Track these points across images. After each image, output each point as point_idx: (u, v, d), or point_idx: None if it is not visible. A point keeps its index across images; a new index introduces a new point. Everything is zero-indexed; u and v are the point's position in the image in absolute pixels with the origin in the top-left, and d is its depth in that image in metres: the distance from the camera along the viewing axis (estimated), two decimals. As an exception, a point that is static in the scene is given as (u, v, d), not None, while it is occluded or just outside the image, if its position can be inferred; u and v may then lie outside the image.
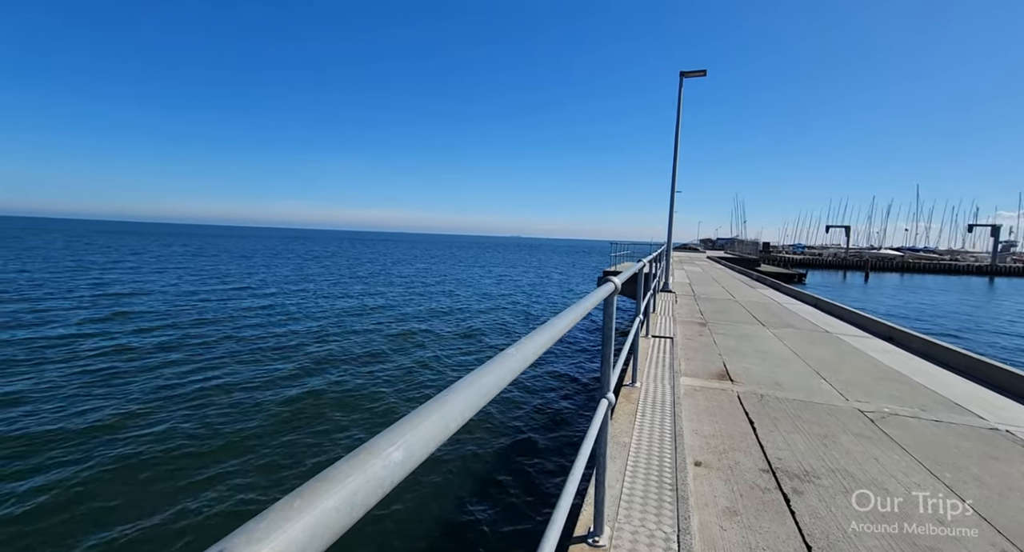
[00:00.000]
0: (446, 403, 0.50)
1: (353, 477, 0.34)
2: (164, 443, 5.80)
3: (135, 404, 6.89)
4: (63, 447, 5.60)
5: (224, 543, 0.25)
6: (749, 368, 4.48)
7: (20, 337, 10.16)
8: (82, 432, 5.95)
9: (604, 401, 1.61)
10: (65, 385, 7.49)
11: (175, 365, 8.79)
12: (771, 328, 6.54)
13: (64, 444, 5.66)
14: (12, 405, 6.65)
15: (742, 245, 49.72)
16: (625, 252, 16.60)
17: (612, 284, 1.61)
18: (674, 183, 11.34)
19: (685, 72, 11.08)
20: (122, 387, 7.55)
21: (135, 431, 6.06)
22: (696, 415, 3.22)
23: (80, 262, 27.84)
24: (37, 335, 10.43)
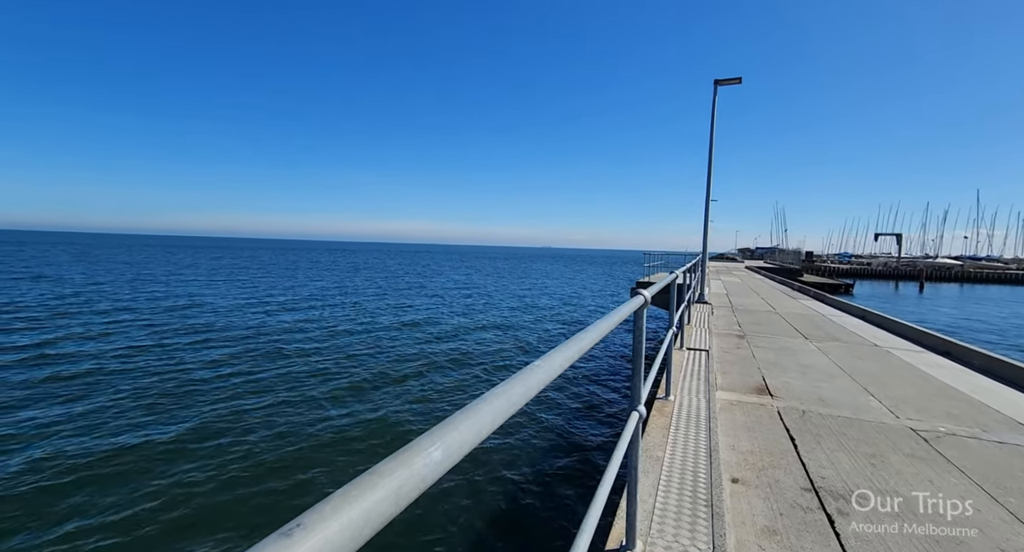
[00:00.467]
0: (478, 411, 0.55)
1: (399, 472, 0.39)
2: (245, 446, 6.24)
3: (218, 410, 7.37)
4: (152, 454, 6.00)
5: (300, 519, 0.30)
6: (790, 383, 4.32)
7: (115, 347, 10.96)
8: (172, 440, 6.38)
9: (635, 414, 1.61)
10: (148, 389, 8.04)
11: (245, 375, 9.31)
12: (814, 341, 6.28)
13: (152, 450, 6.08)
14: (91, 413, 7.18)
15: (783, 254, 47.82)
16: (658, 262, 16.32)
17: (642, 297, 1.62)
18: (709, 192, 11.11)
19: (720, 80, 10.91)
20: (204, 392, 8.11)
21: (222, 437, 6.48)
22: (733, 430, 3.13)
23: (140, 274, 29.83)
24: (117, 345, 11.25)
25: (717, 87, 10.88)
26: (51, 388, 8.03)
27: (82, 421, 6.70)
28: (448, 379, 9.61)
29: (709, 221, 11.47)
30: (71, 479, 5.26)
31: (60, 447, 5.95)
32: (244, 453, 6.04)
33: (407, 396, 8.49)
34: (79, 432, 6.37)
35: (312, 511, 0.31)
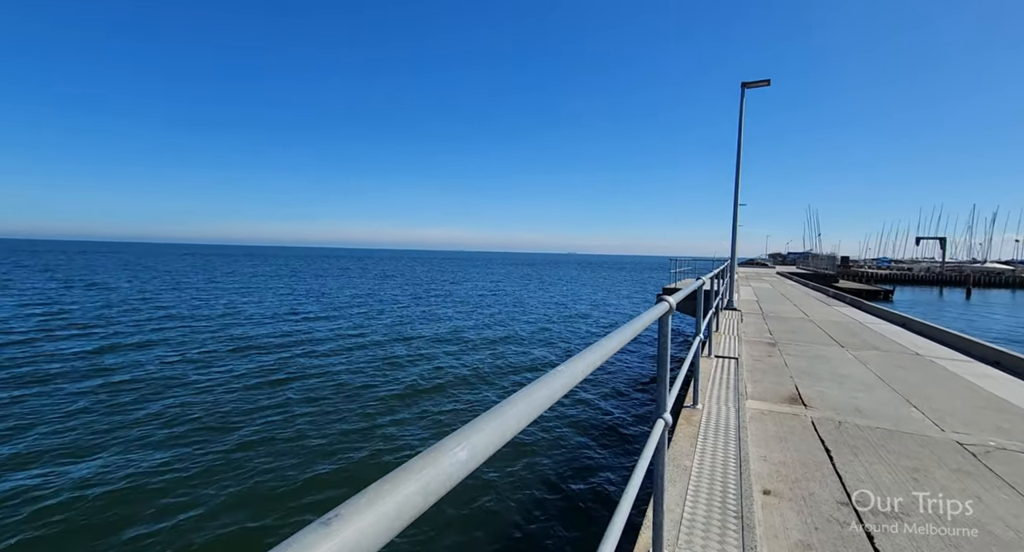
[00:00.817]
0: (503, 414, 0.56)
1: (427, 470, 0.41)
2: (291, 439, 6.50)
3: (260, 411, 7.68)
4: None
5: (338, 510, 0.32)
6: (824, 392, 4.17)
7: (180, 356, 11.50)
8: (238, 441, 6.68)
9: (660, 421, 1.60)
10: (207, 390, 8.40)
11: (296, 380, 9.64)
12: (851, 349, 6.04)
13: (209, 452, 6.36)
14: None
15: (816, 260, 46.16)
16: (686, 268, 16.02)
17: (666, 303, 1.61)
18: (737, 196, 10.89)
19: (747, 83, 10.72)
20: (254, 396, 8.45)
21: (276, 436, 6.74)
22: (764, 441, 3.04)
23: (181, 282, 31.23)
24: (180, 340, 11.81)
25: (744, 90, 10.69)
26: (120, 392, 8.49)
27: (144, 428, 7.01)
28: (488, 385, 9.71)
29: (738, 225, 11.23)
30: (159, 479, 5.55)
31: (140, 443, 6.40)
32: (294, 447, 6.40)
33: (449, 401, 8.64)
34: (151, 436, 6.70)
35: (349, 503, 0.34)
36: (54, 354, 10.82)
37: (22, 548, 4.32)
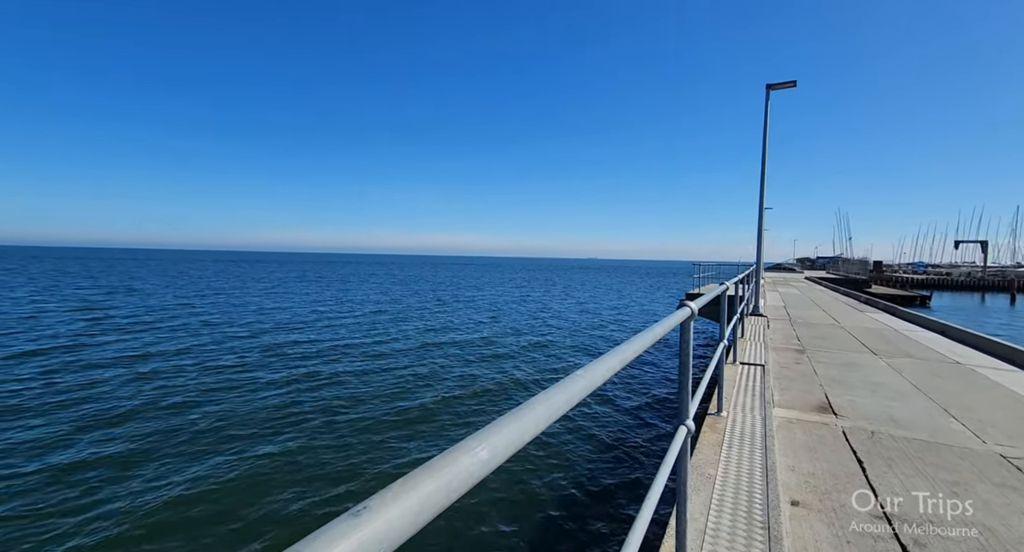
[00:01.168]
0: (522, 416, 0.58)
1: (450, 468, 0.43)
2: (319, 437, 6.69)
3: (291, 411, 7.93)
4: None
5: (367, 502, 0.34)
6: (856, 401, 4.03)
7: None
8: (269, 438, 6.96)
9: (683, 428, 1.58)
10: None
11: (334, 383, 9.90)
12: (884, 357, 5.82)
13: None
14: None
15: (847, 264, 44.61)
16: (709, 273, 15.72)
17: (688, 309, 1.60)
18: (762, 199, 10.66)
19: (772, 84, 10.52)
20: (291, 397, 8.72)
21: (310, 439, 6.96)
22: (792, 450, 2.96)
23: (210, 286, 32.29)
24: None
25: (769, 91, 10.49)
26: (168, 394, 8.85)
27: (193, 428, 7.27)
28: (523, 389, 9.78)
29: (763, 229, 10.98)
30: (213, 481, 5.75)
31: (189, 442, 6.73)
32: (330, 443, 6.69)
33: (481, 405, 8.77)
34: (204, 437, 6.97)
35: (377, 496, 0.36)
36: (103, 362, 11.28)
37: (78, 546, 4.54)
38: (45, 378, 9.42)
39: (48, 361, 10.76)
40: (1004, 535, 2.08)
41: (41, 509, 4.96)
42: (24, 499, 5.12)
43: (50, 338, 13.31)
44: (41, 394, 8.45)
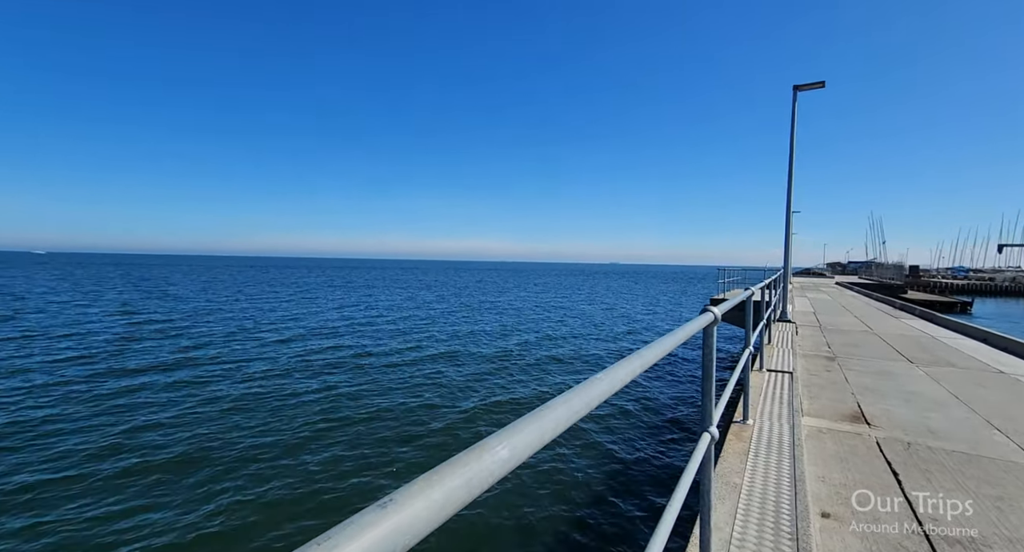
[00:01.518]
0: (542, 417, 0.59)
1: (471, 465, 0.44)
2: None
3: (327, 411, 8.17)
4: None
5: (393, 495, 0.36)
6: (891, 410, 3.88)
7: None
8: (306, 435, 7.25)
9: (706, 435, 1.56)
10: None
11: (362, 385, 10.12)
12: (921, 366, 5.59)
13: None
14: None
15: (881, 269, 42.99)
16: (735, 278, 15.38)
17: (711, 314, 1.58)
18: (790, 202, 10.41)
19: (799, 85, 10.30)
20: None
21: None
22: (822, 460, 2.87)
23: (242, 290, 33.33)
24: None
25: (796, 92, 10.27)
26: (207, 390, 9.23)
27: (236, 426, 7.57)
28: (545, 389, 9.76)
29: (791, 233, 10.72)
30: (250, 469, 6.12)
31: (230, 436, 7.07)
32: (355, 441, 6.91)
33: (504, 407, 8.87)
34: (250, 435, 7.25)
35: (402, 490, 0.37)
36: (142, 368, 11.75)
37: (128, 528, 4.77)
38: (95, 382, 9.80)
39: (94, 366, 11.22)
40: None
41: (102, 514, 5.10)
42: (81, 502, 5.30)
43: (102, 342, 13.94)
44: (92, 397, 8.79)
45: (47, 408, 8.06)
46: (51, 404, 8.31)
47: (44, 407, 8.12)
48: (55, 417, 7.67)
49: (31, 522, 4.86)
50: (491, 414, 8.45)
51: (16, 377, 9.94)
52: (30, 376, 10.02)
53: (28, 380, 9.72)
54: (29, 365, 10.92)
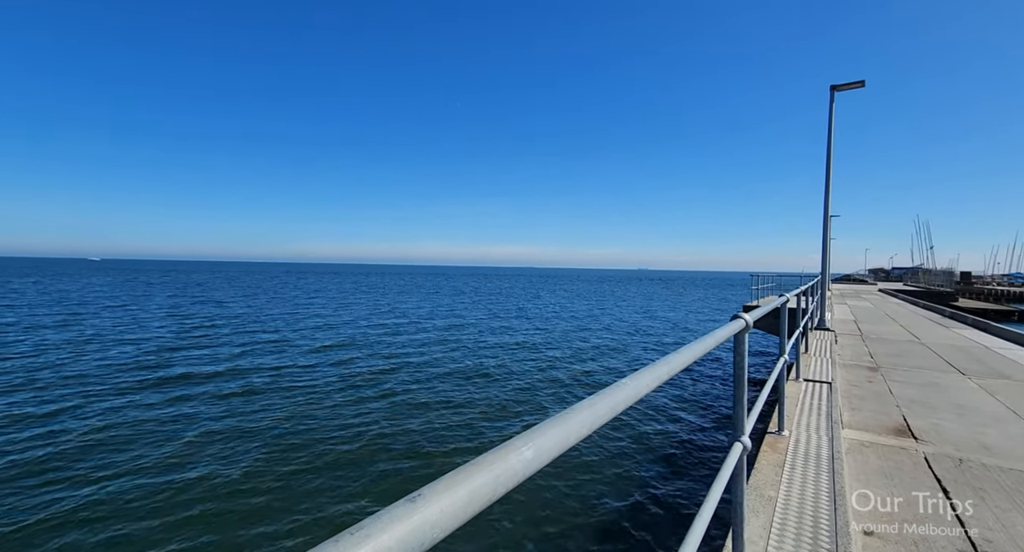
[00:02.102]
0: (567, 420, 0.59)
1: (497, 464, 0.45)
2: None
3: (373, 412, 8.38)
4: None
5: (421, 490, 0.38)
6: (940, 425, 3.66)
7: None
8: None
9: (738, 444, 1.51)
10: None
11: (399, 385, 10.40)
12: (974, 378, 5.26)
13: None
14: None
15: (929, 275, 40.74)
16: (769, 284, 14.86)
17: (742, 321, 1.54)
18: (827, 206, 10.02)
19: (837, 85, 9.96)
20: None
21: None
22: (864, 475, 2.73)
23: (276, 295, 34.49)
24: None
25: (834, 93, 9.93)
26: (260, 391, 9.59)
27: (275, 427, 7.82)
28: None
29: (829, 238, 10.32)
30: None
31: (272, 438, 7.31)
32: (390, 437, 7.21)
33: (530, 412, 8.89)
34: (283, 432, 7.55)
35: (430, 486, 0.39)
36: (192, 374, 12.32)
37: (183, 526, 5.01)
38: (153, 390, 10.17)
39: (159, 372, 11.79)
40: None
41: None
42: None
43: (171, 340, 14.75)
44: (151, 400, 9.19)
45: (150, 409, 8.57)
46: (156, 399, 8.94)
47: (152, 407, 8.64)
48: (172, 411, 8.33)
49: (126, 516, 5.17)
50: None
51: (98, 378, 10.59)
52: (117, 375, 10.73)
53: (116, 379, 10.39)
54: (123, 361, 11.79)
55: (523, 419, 8.53)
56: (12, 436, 7.12)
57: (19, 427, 7.50)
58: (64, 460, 6.40)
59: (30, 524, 4.93)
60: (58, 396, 9.09)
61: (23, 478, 5.89)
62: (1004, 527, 2.22)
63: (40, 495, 5.51)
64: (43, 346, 13.89)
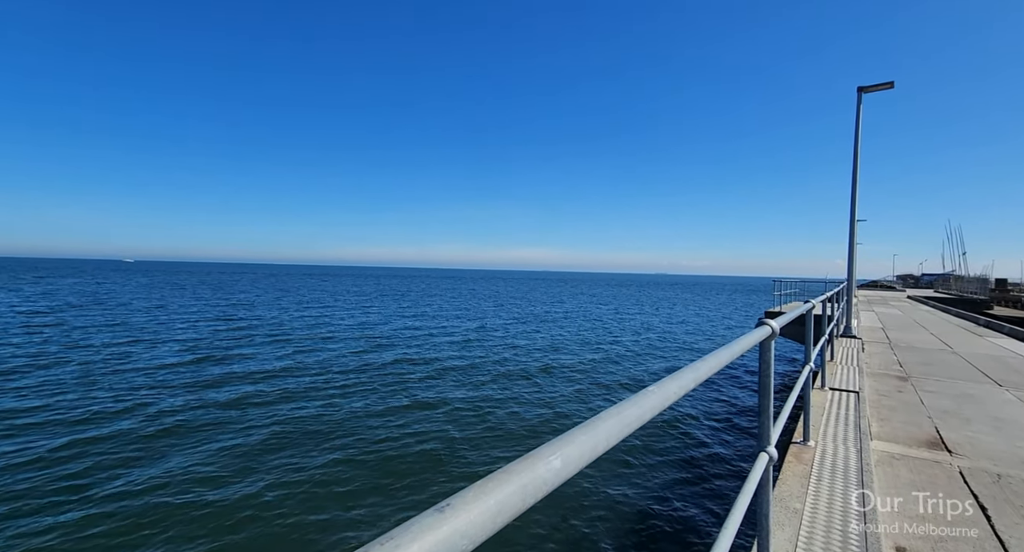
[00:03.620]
0: (595, 429, 0.58)
1: (525, 474, 0.44)
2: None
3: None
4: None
5: (450, 500, 0.37)
6: (976, 437, 3.51)
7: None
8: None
9: (764, 455, 1.47)
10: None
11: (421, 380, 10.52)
12: (1012, 389, 5.03)
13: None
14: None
15: (961, 282, 39.18)
16: (792, 290, 14.50)
17: (768, 328, 1.50)
18: (854, 211, 9.74)
19: (864, 87, 9.68)
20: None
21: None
22: (895, 489, 2.63)
23: (305, 298, 35.14)
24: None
25: (861, 95, 9.66)
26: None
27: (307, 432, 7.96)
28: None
29: (855, 243, 10.03)
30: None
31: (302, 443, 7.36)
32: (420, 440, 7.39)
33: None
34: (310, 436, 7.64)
35: (458, 495, 0.38)
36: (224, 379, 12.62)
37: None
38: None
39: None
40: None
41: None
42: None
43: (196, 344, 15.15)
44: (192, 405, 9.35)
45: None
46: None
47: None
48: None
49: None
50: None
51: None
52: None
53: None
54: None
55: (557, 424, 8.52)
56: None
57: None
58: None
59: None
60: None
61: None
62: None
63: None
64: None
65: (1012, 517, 2.37)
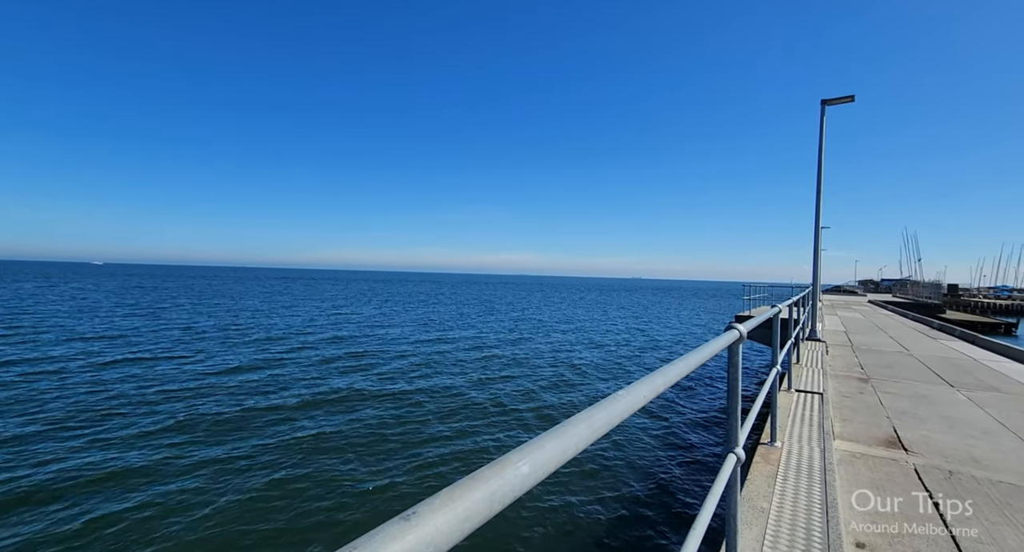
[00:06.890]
0: (564, 433, 0.59)
1: (493, 480, 0.44)
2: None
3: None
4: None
5: (416, 508, 0.37)
6: (930, 436, 3.69)
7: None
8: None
9: (731, 456, 1.51)
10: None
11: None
12: (963, 390, 5.31)
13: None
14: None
15: (917, 287, 41.24)
16: (761, 295, 14.96)
17: (736, 331, 1.55)
18: (818, 218, 10.15)
19: (828, 99, 10.13)
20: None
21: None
22: (856, 486, 2.74)
23: (296, 300, 34.17)
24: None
25: (825, 107, 10.10)
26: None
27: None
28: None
29: (820, 249, 10.43)
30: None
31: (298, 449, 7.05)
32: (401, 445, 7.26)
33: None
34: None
35: (425, 502, 0.38)
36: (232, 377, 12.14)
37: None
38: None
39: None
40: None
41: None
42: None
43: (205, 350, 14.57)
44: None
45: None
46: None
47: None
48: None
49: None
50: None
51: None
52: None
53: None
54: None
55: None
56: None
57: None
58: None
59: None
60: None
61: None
62: (994, 540, 2.23)
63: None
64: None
65: (962, 511, 2.49)
